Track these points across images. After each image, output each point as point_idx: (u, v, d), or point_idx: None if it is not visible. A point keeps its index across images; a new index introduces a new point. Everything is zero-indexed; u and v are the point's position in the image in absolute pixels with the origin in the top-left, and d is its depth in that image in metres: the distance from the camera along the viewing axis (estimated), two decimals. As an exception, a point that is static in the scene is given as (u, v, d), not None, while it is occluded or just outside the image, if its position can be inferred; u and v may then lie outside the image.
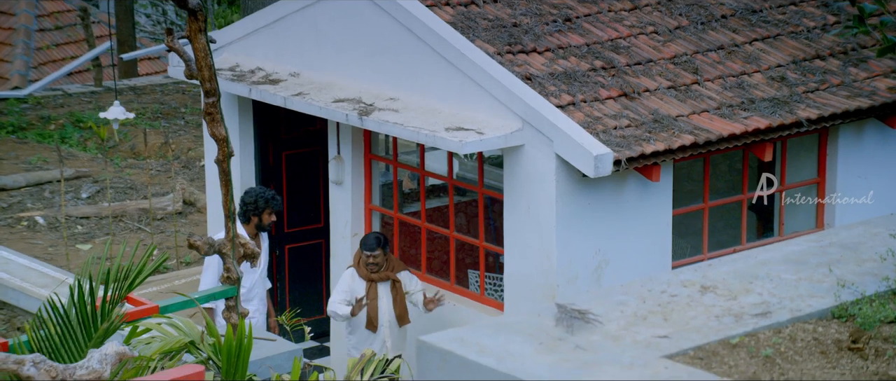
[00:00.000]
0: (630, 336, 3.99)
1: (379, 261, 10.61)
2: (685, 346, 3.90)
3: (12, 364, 5.63)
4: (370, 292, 10.64)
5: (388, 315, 10.70)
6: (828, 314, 3.95)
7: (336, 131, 11.54)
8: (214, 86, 8.92)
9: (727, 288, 4.24)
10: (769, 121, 10.39)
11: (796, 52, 11.28)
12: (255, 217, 10.67)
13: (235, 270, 9.25)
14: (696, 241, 11.09)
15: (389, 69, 10.95)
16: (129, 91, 21.18)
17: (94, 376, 5.61)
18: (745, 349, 3.87)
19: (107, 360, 5.65)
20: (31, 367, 5.60)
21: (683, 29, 11.31)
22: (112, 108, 13.11)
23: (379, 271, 10.65)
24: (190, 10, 8.85)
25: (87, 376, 5.60)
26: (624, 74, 10.69)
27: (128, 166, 17.77)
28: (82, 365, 5.63)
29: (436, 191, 12.45)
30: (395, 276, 10.68)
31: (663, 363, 3.81)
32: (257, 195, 10.66)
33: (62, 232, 15.25)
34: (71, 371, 5.61)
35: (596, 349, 3.95)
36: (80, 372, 5.60)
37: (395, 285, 10.68)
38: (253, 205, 10.64)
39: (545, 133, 9.98)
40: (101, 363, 5.62)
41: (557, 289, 10.13)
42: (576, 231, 10.13)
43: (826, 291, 4.07)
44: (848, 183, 11.19)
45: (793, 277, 4.25)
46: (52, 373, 5.59)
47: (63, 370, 5.60)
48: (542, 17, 11.08)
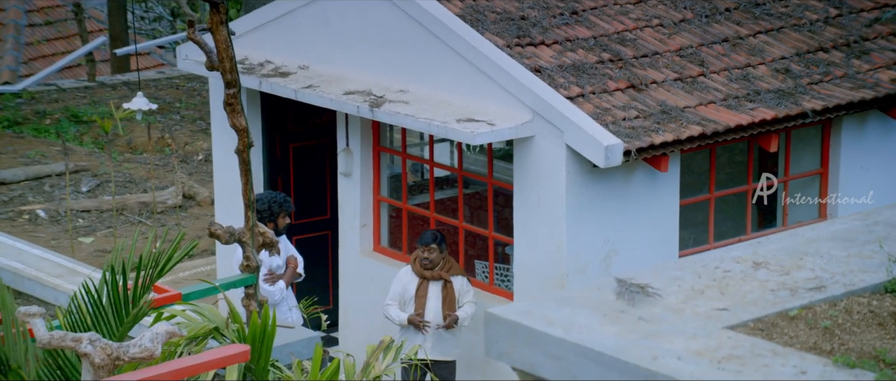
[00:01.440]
0: (690, 309, 4.13)
1: (433, 258, 10.44)
2: (745, 318, 4.04)
3: (70, 342, 5.74)
4: (420, 290, 10.50)
5: (435, 316, 10.50)
6: (881, 289, 4.10)
7: (345, 124, 11.65)
8: (235, 77, 9.03)
9: (779, 264, 4.38)
10: (775, 112, 10.54)
11: (800, 45, 11.44)
12: (270, 223, 10.50)
13: (255, 258, 9.37)
14: (695, 232, 11.24)
15: (399, 62, 11.06)
16: (122, 86, 21.23)
17: (147, 353, 5.73)
18: (804, 321, 4.01)
19: (158, 339, 5.76)
20: (88, 345, 5.71)
21: (688, 22, 11.46)
22: (136, 99, 13.20)
23: (432, 270, 10.50)
24: (212, 3, 8.98)
25: (140, 354, 5.72)
26: (631, 66, 10.84)
27: (125, 161, 17.83)
28: (135, 343, 5.75)
29: (439, 183, 12.58)
30: (449, 278, 10.49)
31: (726, 334, 3.95)
32: (270, 201, 10.52)
33: (65, 225, 15.32)
34: (125, 349, 5.73)
35: (658, 320, 4.09)
36: (133, 350, 5.71)
37: (446, 287, 10.48)
38: (267, 211, 10.50)
39: (555, 124, 10.11)
40: (153, 342, 5.73)
41: (567, 278, 10.27)
42: (585, 221, 10.27)
43: (877, 266, 4.21)
44: (850, 174, 11.36)
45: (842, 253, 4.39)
46: (107, 350, 5.70)
47: (117, 348, 5.72)
48: (549, 11, 11.21)
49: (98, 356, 5.72)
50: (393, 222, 11.80)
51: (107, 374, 5.80)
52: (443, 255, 10.51)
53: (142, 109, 12.98)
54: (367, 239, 11.77)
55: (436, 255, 10.46)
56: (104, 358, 5.74)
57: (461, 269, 10.66)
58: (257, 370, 8.05)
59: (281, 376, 8.53)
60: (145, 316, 7.76)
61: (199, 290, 9.13)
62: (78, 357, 7.53)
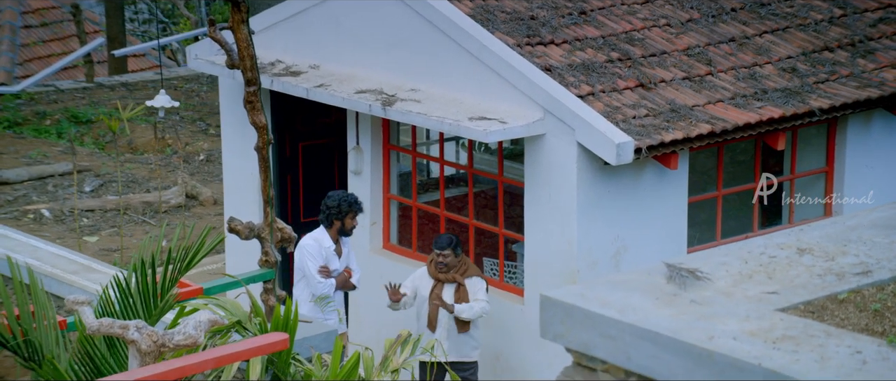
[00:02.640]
0: (740, 292, 4.25)
1: (448, 262, 10.46)
2: (795, 300, 4.16)
3: (118, 329, 5.85)
4: (434, 291, 10.53)
5: (447, 318, 10.55)
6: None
7: (355, 123, 11.76)
8: (256, 75, 9.14)
9: (823, 250, 4.51)
10: (782, 110, 10.70)
11: (805, 44, 11.60)
12: (337, 221, 10.52)
13: (274, 253, 9.47)
14: (698, 231, 11.39)
15: (410, 61, 11.18)
16: (120, 87, 21.30)
17: (191, 341, 5.84)
18: (853, 304, 4.14)
19: (201, 327, 5.88)
20: (135, 332, 5.82)
21: (695, 22, 11.61)
22: (158, 96, 13.30)
23: (447, 272, 10.55)
24: (233, 2, 9.07)
25: (184, 341, 5.83)
26: (639, 65, 10.98)
27: (127, 161, 17.91)
28: (179, 331, 5.86)
29: (448, 182, 12.70)
30: (462, 280, 10.51)
31: (778, 316, 4.07)
32: (340, 199, 10.51)
33: (70, 224, 15.39)
34: (170, 336, 5.84)
35: (710, 303, 4.21)
36: (177, 337, 5.82)
37: (459, 289, 10.51)
38: (336, 209, 10.51)
39: (567, 122, 10.24)
40: (197, 329, 5.85)
41: (578, 274, 10.40)
42: (596, 218, 10.40)
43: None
44: (855, 173, 11.52)
45: (885, 240, 4.52)
46: (153, 337, 5.81)
47: (162, 336, 5.83)
48: (558, 11, 11.35)
49: (145, 343, 5.83)
50: (402, 220, 11.92)
51: (152, 360, 5.92)
52: (458, 258, 10.53)
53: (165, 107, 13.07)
54: (377, 237, 11.89)
55: (451, 259, 10.47)
56: (150, 345, 5.85)
57: (478, 270, 10.68)
58: (280, 362, 8.16)
59: (302, 368, 8.64)
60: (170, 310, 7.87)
61: (221, 284, 9.25)
62: (108, 348, 7.66)
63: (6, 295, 7.79)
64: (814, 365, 3.78)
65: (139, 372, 6.04)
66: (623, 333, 4.15)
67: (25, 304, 7.67)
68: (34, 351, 7.58)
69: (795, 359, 3.83)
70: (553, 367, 10.71)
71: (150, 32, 26.77)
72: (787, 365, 3.80)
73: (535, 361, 10.85)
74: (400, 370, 8.97)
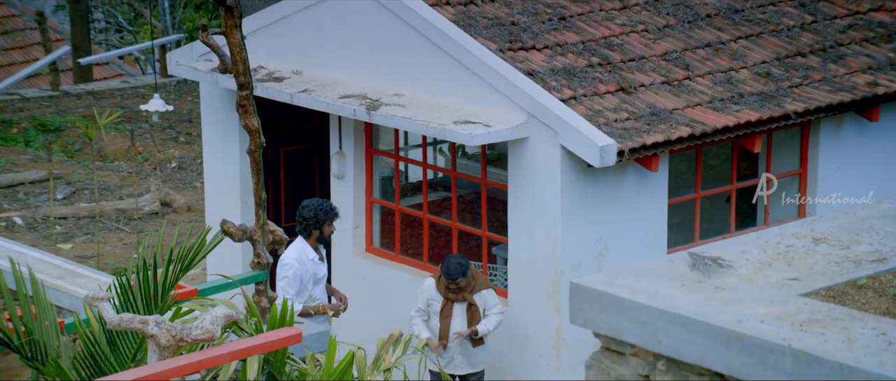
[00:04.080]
0: (762, 279, 4.44)
1: (461, 287, 10.54)
2: (815, 286, 4.36)
3: (138, 324, 5.97)
4: (444, 310, 10.60)
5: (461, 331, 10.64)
6: (940, 261, 4.44)
7: (338, 127, 11.90)
8: (249, 79, 9.27)
9: (837, 239, 4.71)
10: (759, 114, 10.94)
11: (779, 50, 11.87)
12: (315, 230, 10.60)
13: (265, 255, 9.60)
14: (673, 233, 11.60)
15: (393, 66, 11.34)
16: (87, 95, 21.31)
17: (208, 335, 5.97)
18: (872, 290, 4.34)
19: (217, 322, 6.01)
20: (154, 326, 5.94)
21: (671, 27, 11.85)
22: (153, 100, 13.38)
23: (458, 293, 10.58)
24: (226, 8, 9.20)
25: (202, 335, 5.96)
26: (619, 70, 11.19)
27: (98, 168, 17.93)
28: (197, 326, 5.99)
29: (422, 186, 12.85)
30: (472, 299, 10.58)
31: (801, 300, 4.26)
32: (316, 209, 10.58)
33: (43, 231, 15.41)
34: (188, 331, 5.96)
35: (735, 289, 4.39)
36: (195, 332, 5.95)
37: (470, 307, 10.59)
38: (313, 219, 10.57)
39: (551, 126, 10.43)
40: (213, 324, 5.98)
41: (562, 275, 10.59)
42: (579, 220, 10.59)
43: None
44: (828, 174, 11.79)
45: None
46: (172, 332, 5.93)
47: (181, 330, 5.95)
48: (539, 16, 11.55)
49: (164, 337, 5.96)
50: (386, 223, 12.06)
51: (171, 354, 6.04)
52: (468, 279, 10.57)
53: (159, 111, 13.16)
54: (360, 240, 12.03)
55: (463, 283, 10.52)
56: (169, 339, 5.97)
57: (486, 280, 10.76)
58: (275, 361, 8.28)
59: (297, 367, 8.76)
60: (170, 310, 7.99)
61: (215, 286, 9.36)
62: (110, 348, 7.77)
63: (9, 297, 7.88)
64: (842, 346, 3.97)
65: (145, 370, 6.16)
66: (653, 318, 4.32)
67: (28, 305, 7.77)
68: (37, 351, 7.68)
69: (823, 340, 4.02)
70: (537, 367, 10.89)
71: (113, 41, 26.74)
72: (817, 346, 3.99)
73: (518, 361, 11.02)
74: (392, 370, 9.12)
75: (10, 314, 7.68)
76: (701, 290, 4.41)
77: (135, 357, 7.93)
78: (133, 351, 7.89)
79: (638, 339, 4.40)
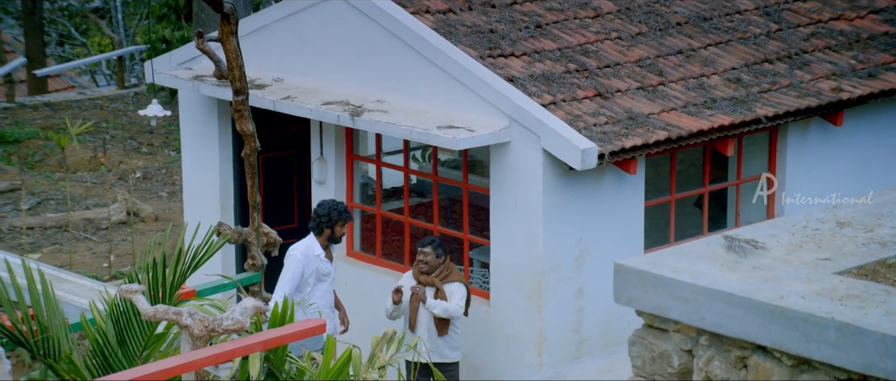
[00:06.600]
0: (796, 259, 4.72)
1: (428, 261, 10.70)
2: (848, 266, 4.65)
3: (172, 315, 6.14)
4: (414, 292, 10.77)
5: (427, 320, 10.82)
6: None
7: (319, 134, 12.09)
8: (244, 85, 9.46)
9: (861, 223, 5.01)
10: (731, 118, 11.29)
11: (747, 56, 12.25)
12: (327, 229, 10.73)
13: (260, 257, 9.78)
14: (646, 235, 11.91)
15: (374, 73, 11.56)
16: (43, 107, 21.30)
17: (238, 326, 6.16)
18: (902, 268, 4.64)
19: (247, 313, 6.20)
20: (188, 317, 6.11)
21: (644, 35, 12.18)
22: (151, 106, 13.50)
23: (426, 275, 10.78)
24: (223, 15, 9.38)
25: (232, 326, 6.14)
26: (596, 76, 11.50)
27: (61, 179, 17.96)
28: (227, 317, 6.17)
29: (398, 193, 13.08)
30: (441, 285, 10.76)
31: (837, 278, 4.55)
32: (331, 208, 10.72)
33: (10, 242, 15.43)
34: (219, 322, 6.14)
35: (771, 268, 4.67)
36: (226, 322, 6.13)
37: (437, 294, 10.76)
38: (326, 217, 10.70)
39: (532, 130, 10.70)
40: (243, 315, 6.16)
41: (544, 276, 10.85)
42: (560, 222, 10.87)
43: (953, 223, 4.87)
44: (795, 177, 12.17)
45: (915, 214, 5.05)
46: (205, 322, 6.11)
47: (213, 321, 6.13)
48: (516, 24, 11.83)
49: (197, 328, 6.14)
50: (367, 228, 12.27)
51: (204, 344, 6.22)
52: (440, 260, 10.77)
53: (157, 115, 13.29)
54: (341, 244, 12.21)
55: (431, 258, 10.73)
56: (202, 329, 6.15)
57: (461, 276, 10.95)
58: (275, 359, 8.47)
59: (295, 365, 8.95)
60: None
61: (213, 286, 9.55)
62: (120, 346, 7.93)
63: (20, 295, 8.02)
64: (883, 318, 4.25)
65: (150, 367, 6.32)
66: (697, 295, 4.59)
67: (40, 305, 7.92)
68: (48, 348, 7.83)
69: (864, 314, 4.30)
70: (519, 367, 11.14)
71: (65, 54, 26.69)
72: (858, 318, 4.27)
73: (500, 361, 11.27)
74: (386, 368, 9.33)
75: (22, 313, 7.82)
76: (740, 269, 4.68)
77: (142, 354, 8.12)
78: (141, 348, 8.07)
79: (682, 315, 4.65)
